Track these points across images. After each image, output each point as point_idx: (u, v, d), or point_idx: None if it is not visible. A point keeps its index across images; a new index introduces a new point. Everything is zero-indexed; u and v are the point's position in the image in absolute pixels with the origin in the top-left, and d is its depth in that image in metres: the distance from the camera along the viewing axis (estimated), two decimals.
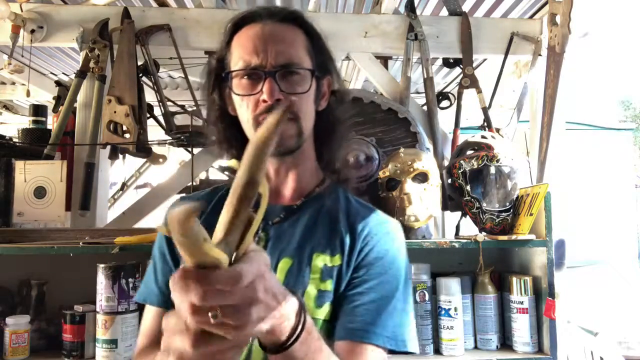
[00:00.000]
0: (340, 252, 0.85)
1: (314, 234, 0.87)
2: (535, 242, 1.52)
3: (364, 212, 0.92)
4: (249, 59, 0.83)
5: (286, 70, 0.84)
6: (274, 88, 0.82)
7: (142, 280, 0.95)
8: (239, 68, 0.84)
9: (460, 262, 1.72)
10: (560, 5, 1.91)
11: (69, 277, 1.56)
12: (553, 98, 1.91)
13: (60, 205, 1.73)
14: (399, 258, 0.88)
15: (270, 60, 0.83)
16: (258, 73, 0.83)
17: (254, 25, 0.86)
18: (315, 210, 0.90)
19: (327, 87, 0.93)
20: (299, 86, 0.85)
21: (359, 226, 0.88)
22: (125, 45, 1.88)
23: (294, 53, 0.85)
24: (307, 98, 0.86)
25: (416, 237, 1.56)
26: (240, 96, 0.85)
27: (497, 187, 1.62)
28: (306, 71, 0.86)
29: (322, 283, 0.83)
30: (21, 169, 1.73)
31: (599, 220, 4.82)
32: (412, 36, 2.01)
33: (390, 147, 1.72)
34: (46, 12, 1.95)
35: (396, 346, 0.82)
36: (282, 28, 0.86)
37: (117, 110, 1.80)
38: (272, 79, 0.82)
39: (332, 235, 0.87)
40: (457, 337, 1.52)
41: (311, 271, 0.84)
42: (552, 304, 1.47)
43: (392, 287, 0.85)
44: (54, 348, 1.51)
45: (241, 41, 0.86)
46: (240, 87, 0.85)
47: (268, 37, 0.84)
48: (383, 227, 0.90)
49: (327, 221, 0.89)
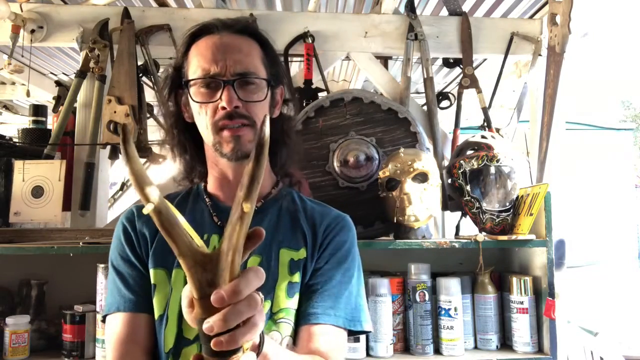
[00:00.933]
0: (304, 246, 0.93)
1: (278, 232, 0.94)
2: (535, 242, 1.52)
3: (320, 209, 1.00)
4: (207, 67, 0.87)
5: (243, 79, 0.88)
6: (232, 96, 0.86)
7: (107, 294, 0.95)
8: (198, 76, 0.88)
9: (460, 262, 1.72)
10: (560, 5, 1.91)
11: (69, 277, 1.56)
12: (553, 98, 1.91)
13: (57, 205, 1.73)
14: (353, 248, 0.97)
15: (229, 69, 0.87)
16: (217, 81, 0.87)
17: (211, 36, 0.91)
18: (276, 210, 0.97)
19: (280, 96, 0.99)
20: (256, 94, 0.90)
21: (318, 222, 0.96)
22: (125, 45, 1.88)
23: (250, 63, 0.89)
24: (263, 105, 0.91)
25: (416, 237, 1.55)
26: (200, 103, 0.89)
27: (497, 187, 1.62)
28: (262, 80, 0.91)
29: (291, 276, 0.90)
30: (20, 169, 1.73)
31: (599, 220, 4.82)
32: (412, 36, 2.01)
33: (390, 147, 1.72)
34: (46, 12, 1.95)
35: (354, 326, 0.91)
36: (238, 39, 0.91)
37: (117, 110, 1.80)
38: (231, 87, 0.86)
39: (294, 232, 0.94)
40: (457, 337, 1.52)
41: (279, 265, 0.90)
42: (552, 304, 1.47)
43: (349, 274, 0.93)
44: (54, 348, 1.51)
45: (200, 50, 0.90)
46: (199, 95, 0.89)
47: (226, 47, 0.89)
48: (339, 221, 0.98)
49: (288, 219, 0.96)
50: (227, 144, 0.88)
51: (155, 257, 0.90)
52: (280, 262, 0.91)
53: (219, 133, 0.88)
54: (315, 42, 1.97)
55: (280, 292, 0.88)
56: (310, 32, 1.97)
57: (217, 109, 0.87)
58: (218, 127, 0.88)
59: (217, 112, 0.87)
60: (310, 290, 0.91)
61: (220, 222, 0.93)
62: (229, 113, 0.86)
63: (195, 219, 0.94)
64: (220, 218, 0.94)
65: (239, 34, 0.92)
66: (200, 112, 0.89)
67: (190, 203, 0.98)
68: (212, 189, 0.98)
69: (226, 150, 0.88)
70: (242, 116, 0.88)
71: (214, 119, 0.88)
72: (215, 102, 0.87)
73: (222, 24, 0.92)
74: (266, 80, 0.91)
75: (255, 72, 0.90)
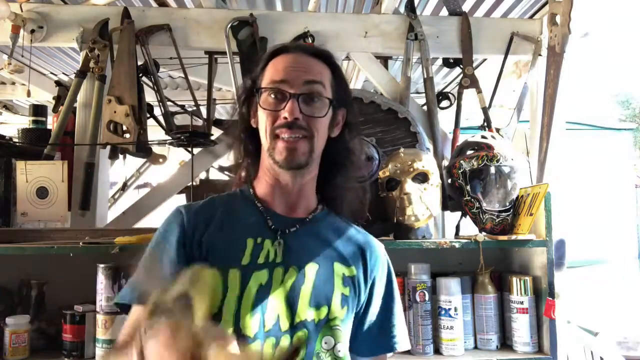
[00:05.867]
0: (354, 265, 1.00)
1: (329, 246, 1.00)
2: (535, 242, 1.52)
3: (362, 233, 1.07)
4: (278, 79, 0.96)
5: (308, 96, 0.95)
6: (295, 108, 0.93)
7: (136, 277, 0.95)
8: (268, 86, 0.97)
9: (460, 262, 1.72)
10: (560, 5, 1.91)
11: (69, 277, 1.56)
12: (553, 98, 1.91)
13: (62, 206, 1.74)
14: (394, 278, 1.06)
15: (297, 84, 0.95)
16: (284, 93, 0.95)
17: (288, 54, 1.00)
18: (326, 225, 1.03)
19: (342, 118, 1.04)
20: (318, 110, 0.96)
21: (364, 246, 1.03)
22: (125, 45, 1.88)
23: (318, 82, 0.97)
24: (322, 122, 0.97)
25: (416, 237, 1.55)
26: (265, 110, 0.96)
27: (497, 187, 1.62)
28: (325, 99, 0.97)
29: (344, 288, 0.97)
30: (22, 169, 1.73)
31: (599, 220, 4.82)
32: (412, 36, 2.01)
33: (390, 147, 1.72)
34: (46, 12, 1.95)
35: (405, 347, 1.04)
36: (311, 60, 0.99)
37: (117, 110, 1.80)
38: (295, 100, 0.94)
39: (345, 249, 1.01)
40: (457, 337, 1.52)
41: (334, 276, 0.97)
42: (552, 304, 1.47)
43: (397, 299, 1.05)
44: (54, 348, 1.51)
45: (275, 65, 0.99)
46: (267, 102, 0.96)
47: (298, 65, 0.97)
48: (381, 249, 1.06)
49: (338, 236, 1.02)
50: (280, 152, 0.94)
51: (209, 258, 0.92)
52: (335, 273, 0.97)
53: (275, 140, 0.95)
54: (315, 42, 1.97)
55: (336, 300, 0.95)
56: (310, 32, 1.97)
57: (279, 117, 0.94)
58: (275, 133, 0.95)
59: (277, 120, 0.94)
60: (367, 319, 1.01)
61: (274, 226, 0.98)
62: (289, 123, 0.93)
63: (247, 223, 0.98)
64: (274, 222, 0.98)
65: (313, 56, 1.00)
66: (263, 118, 0.97)
67: (240, 205, 1.02)
68: (262, 194, 1.02)
69: (279, 158, 0.94)
70: (300, 127, 0.94)
71: (273, 126, 0.95)
72: (279, 111, 0.94)
73: (300, 46, 1.05)
74: (329, 100, 0.98)
75: (321, 91, 0.97)
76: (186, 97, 2.37)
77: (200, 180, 2.41)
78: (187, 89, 2.13)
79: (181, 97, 2.94)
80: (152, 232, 1.52)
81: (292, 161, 0.94)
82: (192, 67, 2.22)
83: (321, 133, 0.98)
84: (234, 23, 1.96)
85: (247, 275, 0.90)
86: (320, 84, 0.97)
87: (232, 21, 1.96)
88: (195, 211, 0.99)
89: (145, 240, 1.43)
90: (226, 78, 2.10)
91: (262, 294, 0.90)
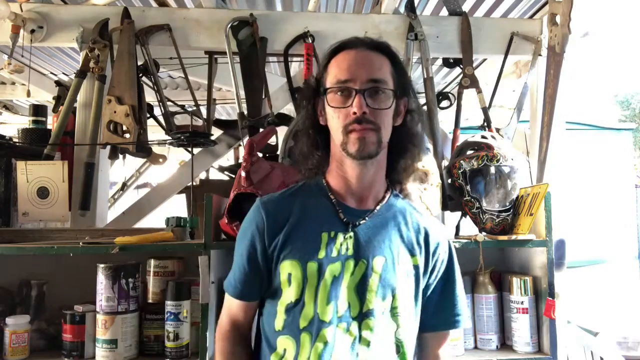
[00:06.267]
0: (418, 254, 1.06)
1: (396, 236, 1.06)
2: (535, 242, 1.52)
3: (426, 218, 1.12)
4: (343, 77, 1.01)
5: (373, 89, 1.00)
6: (362, 103, 0.98)
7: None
8: (334, 85, 1.02)
9: (460, 262, 1.72)
10: (560, 5, 1.91)
11: (69, 277, 1.56)
12: (553, 98, 1.91)
13: (63, 205, 1.74)
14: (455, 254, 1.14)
15: (361, 79, 1.00)
16: (350, 90, 1.00)
17: (349, 51, 1.04)
18: (392, 214, 1.08)
19: (404, 107, 1.09)
20: (383, 103, 1.01)
21: (429, 231, 1.09)
22: (125, 45, 1.88)
23: (380, 75, 1.02)
24: (388, 113, 1.03)
25: None
26: (334, 108, 1.02)
27: (497, 187, 1.62)
28: (389, 91, 1.02)
29: (407, 278, 1.04)
30: (23, 169, 1.73)
31: (599, 220, 4.82)
32: (412, 36, 2.01)
33: None
34: (46, 12, 1.95)
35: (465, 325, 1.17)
36: (372, 55, 1.04)
37: (117, 110, 1.80)
38: (362, 95, 0.99)
39: (410, 239, 1.07)
40: (457, 337, 1.52)
41: (400, 266, 1.03)
42: (552, 304, 1.47)
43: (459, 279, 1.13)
44: (54, 348, 1.51)
45: (338, 63, 1.04)
46: (334, 100, 1.02)
47: (360, 60, 1.02)
48: (442, 232, 1.12)
49: (404, 225, 1.08)
50: (353, 144, 1.00)
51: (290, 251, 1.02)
52: (400, 264, 1.03)
53: (348, 135, 1.00)
54: (315, 42, 1.97)
55: (400, 291, 1.02)
56: (310, 32, 1.97)
57: (348, 114, 1.00)
58: (347, 129, 1.00)
59: (348, 117, 1.00)
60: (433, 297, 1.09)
61: (346, 219, 1.04)
62: (358, 118, 0.99)
63: (322, 215, 1.05)
64: (345, 215, 1.04)
65: (373, 50, 1.04)
66: (333, 117, 1.02)
67: (315, 197, 1.08)
68: (335, 186, 1.08)
69: (352, 149, 1.00)
70: (368, 121, 0.99)
71: (345, 122, 1.00)
72: (347, 107, 1.00)
73: (359, 41, 1.05)
74: (392, 91, 1.03)
75: (384, 83, 1.02)
76: (186, 97, 2.37)
77: (200, 180, 2.41)
78: (187, 89, 2.13)
79: (181, 97, 2.95)
80: (152, 232, 1.53)
81: (364, 150, 0.99)
82: (192, 67, 2.22)
83: (387, 124, 1.03)
84: (234, 23, 1.96)
85: (323, 268, 1.00)
86: (382, 77, 1.02)
87: (232, 21, 1.96)
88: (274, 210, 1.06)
89: (145, 240, 1.44)
90: (226, 78, 2.10)
91: (336, 284, 0.99)
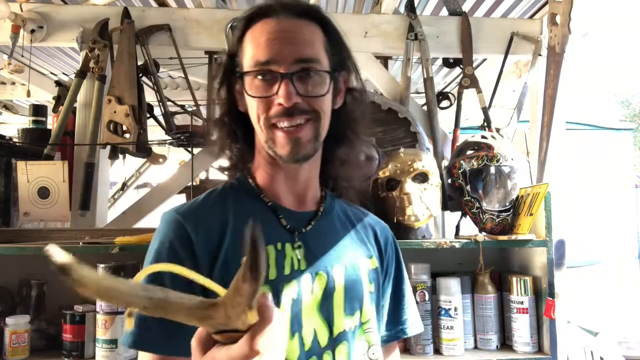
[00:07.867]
0: (373, 254, 0.90)
1: (348, 240, 0.88)
2: (535, 242, 1.52)
3: (364, 212, 0.97)
4: (263, 58, 0.77)
5: (303, 72, 0.78)
6: (290, 91, 0.76)
7: None
8: (252, 68, 0.78)
9: (460, 262, 1.72)
10: (560, 5, 1.91)
11: None
12: (553, 98, 1.91)
13: (64, 205, 1.74)
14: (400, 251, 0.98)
15: (287, 60, 0.77)
16: (273, 74, 0.77)
17: (268, 20, 0.80)
18: (335, 214, 0.91)
19: (344, 84, 0.88)
20: (317, 88, 0.79)
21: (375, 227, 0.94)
22: (125, 45, 1.88)
23: (311, 53, 0.79)
24: (325, 99, 0.81)
25: (416, 237, 1.55)
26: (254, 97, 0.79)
27: (497, 187, 1.62)
28: (324, 73, 0.80)
29: (370, 285, 0.87)
30: (23, 169, 1.73)
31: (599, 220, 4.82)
32: (412, 36, 2.01)
33: (390, 147, 1.72)
34: (46, 12, 1.95)
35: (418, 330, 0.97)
36: (298, 24, 0.80)
37: (117, 110, 1.80)
38: (289, 80, 0.76)
39: (362, 239, 0.90)
40: (457, 337, 1.52)
41: (361, 274, 0.86)
42: (552, 304, 1.47)
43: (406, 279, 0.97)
44: (54, 348, 1.51)
45: (255, 37, 0.79)
46: (254, 87, 0.79)
47: (284, 34, 0.78)
48: (388, 230, 0.97)
49: (352, 226, 0.91)
50: (282, 146, 0.78)
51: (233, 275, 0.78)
52: (361, 271, 0.85)
53: (273, 130, 0.79)
54: None
55: (366, 301, 0.84)
56: None
57: (273, 103, 0.77)
58: (271, 123, 0.78)
59: (272, 107, 0.77)
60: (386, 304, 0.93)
61: (289, 226, 0.83)
62: (287, 110, 0.76)
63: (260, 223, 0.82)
64: (287, 221, 0.83)
65: (300, 17, 0.80)
66: (253, 106, 0.80)
67: (245, 202, 0.85)
68: (265, 185, 0.86)
69: (282, 152, 0.79)
70: (303, 111, 0.78)
71: (269, 115, 0.78)
72: (272, 96, 0.77)
73: (281, 6, 0.80)
74: (328, 72, 0.81)
75: (317, 63, 0.79)
76: (186, 97, 2.37)
77: (200, 180, 2.41)
78: (187, 89, 2.13)
79: (181, 97, 2.94)
80: (152, 232, 1.52)
81: (298, 154, 0.79)
82: (192, 67, 2.22)
83: (326, 110, 0.82)
84: (233, 23, 1.96)
85: (278, 291, 0.76)
86: (314, 55, 0.79)
87: (232, 21, 1.96)
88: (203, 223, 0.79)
89: (145, 240, 1.44)
90: None
91: (295, 309, 0.77)
